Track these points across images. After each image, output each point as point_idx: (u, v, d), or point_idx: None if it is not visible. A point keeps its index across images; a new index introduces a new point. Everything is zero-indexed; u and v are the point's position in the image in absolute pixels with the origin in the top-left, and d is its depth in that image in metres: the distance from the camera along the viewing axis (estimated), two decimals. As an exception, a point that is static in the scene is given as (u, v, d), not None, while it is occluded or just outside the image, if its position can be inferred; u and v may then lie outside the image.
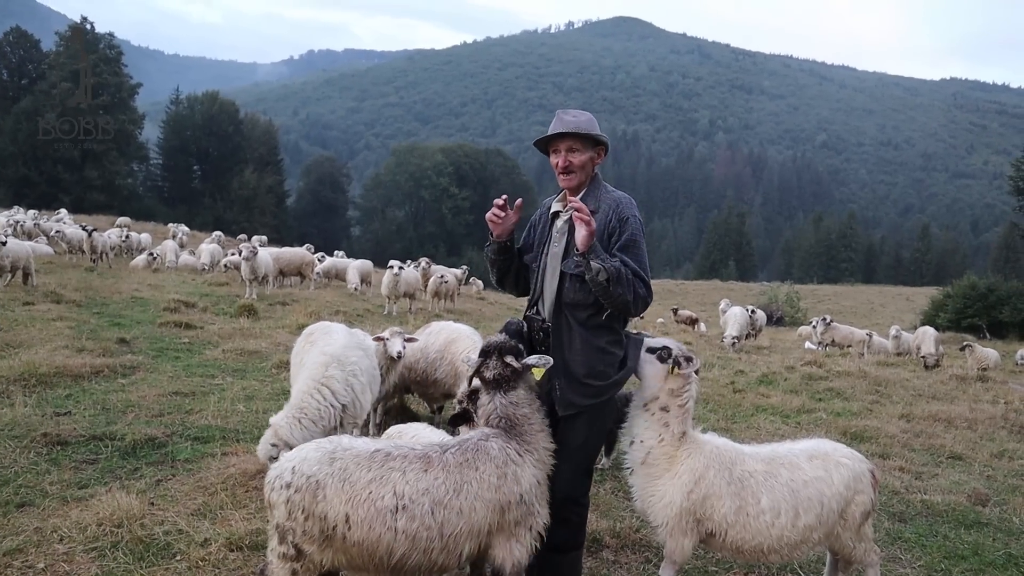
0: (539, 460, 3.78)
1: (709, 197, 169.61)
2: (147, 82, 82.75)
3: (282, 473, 3.47)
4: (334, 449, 3.53)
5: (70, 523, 4.89)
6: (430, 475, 3.48)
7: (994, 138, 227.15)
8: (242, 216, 79.55)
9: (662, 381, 4.03)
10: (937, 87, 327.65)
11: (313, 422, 5.63)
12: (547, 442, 3.84)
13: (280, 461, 3.60)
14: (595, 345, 3.93)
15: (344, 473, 3.42)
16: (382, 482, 3.42)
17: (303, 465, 3.45)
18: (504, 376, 3.76)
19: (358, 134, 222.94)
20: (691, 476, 3.96)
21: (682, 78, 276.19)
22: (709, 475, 3.97)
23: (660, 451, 4.02)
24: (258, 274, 18.16)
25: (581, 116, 4.01)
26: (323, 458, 3.47)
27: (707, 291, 58.28)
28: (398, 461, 3.50)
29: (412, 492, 3.42)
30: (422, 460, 3.54)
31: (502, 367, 3.76)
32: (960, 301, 35.65)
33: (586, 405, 3.94)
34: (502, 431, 3.74)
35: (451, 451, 3.62)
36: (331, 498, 3.36)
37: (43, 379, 8.37)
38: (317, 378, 5.84)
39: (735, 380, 12.86)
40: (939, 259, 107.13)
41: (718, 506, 3.96)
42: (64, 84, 63.69)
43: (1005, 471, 8.07)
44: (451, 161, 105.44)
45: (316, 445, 3.61)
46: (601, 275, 3.53)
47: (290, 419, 5.58)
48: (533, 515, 3.71)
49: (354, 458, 3.48)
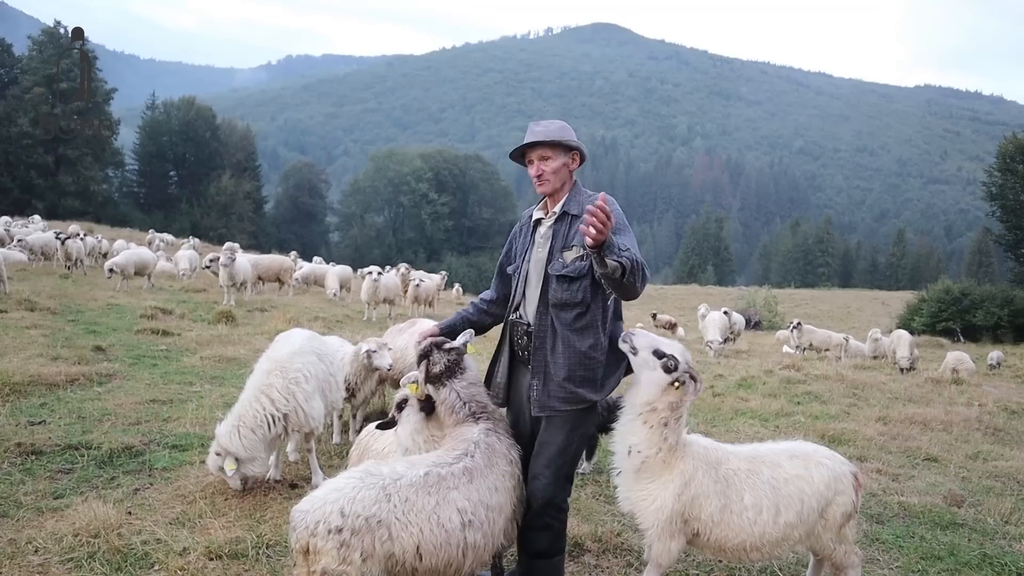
0: (505, 431, 4.01)
1: (687, 202, 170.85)
2: (122, 87, 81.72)
3: (326, 517, 3.17)
4: (384, 483, 3.34)
5: (45, 534, 4.81)
6: (476, 484, 3.53)
7: (967, 144, 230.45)
8: (219, 222, 79.10)
9: (660, 391, 3.87)
10: (912, 94, 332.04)
11: (252, 430, 5.57)
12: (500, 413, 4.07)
13: (314, 502, 3.27)
14: (578, 349, 3.94)
15: (407, 504, 3.29)
16: (446, 503, 3.40)
17: (355, 505, 3.20)
18: (452, 361, 3.96)
19: (337, 140, 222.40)
20: (682, 479, 3.95)
21: (660, 84, 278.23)
22: (698, 476, 3.97)
23: (656, 459, 3.98)
24: (236, 280, 18.07)
25: (552, 124, 4.06)
26: (378, 496, 3.27)
27: (686, 296, 58.57)
28: (450, 480, 3.50)
29: (471, 505, 3.46)
30: (465, 472, 3.56)
31: (446, 355, 3.97)
32: (935, 305, 36.11)
33: (561, 410, 3.96)
34: (483, 418, 3.85)
35: (477, 455, 3.69)
36: (398, 535, 3.23)
37: (17, 388, 8.25)
38: (259, 386, 5.77)
39: (714, 384, 12.93)
40: (914, 263, 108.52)
41: (706, 505, 3.97)
42: (37, 89, 62.86)
43: (980, 472, 8.16)
44: (430, 167, 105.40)
45: (359, 480, 3.35)
46: (617, 272, 3.48)
47: (230, 428, 5.54)
48: (521, 487, 3.94)
49: (411, 487, 3.37)
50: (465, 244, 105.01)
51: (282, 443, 6.20)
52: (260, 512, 5.46)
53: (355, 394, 7.36)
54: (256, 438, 5.58)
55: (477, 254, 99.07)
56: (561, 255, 3.97)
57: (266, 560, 4.66)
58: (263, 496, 5.80)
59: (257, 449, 5.62)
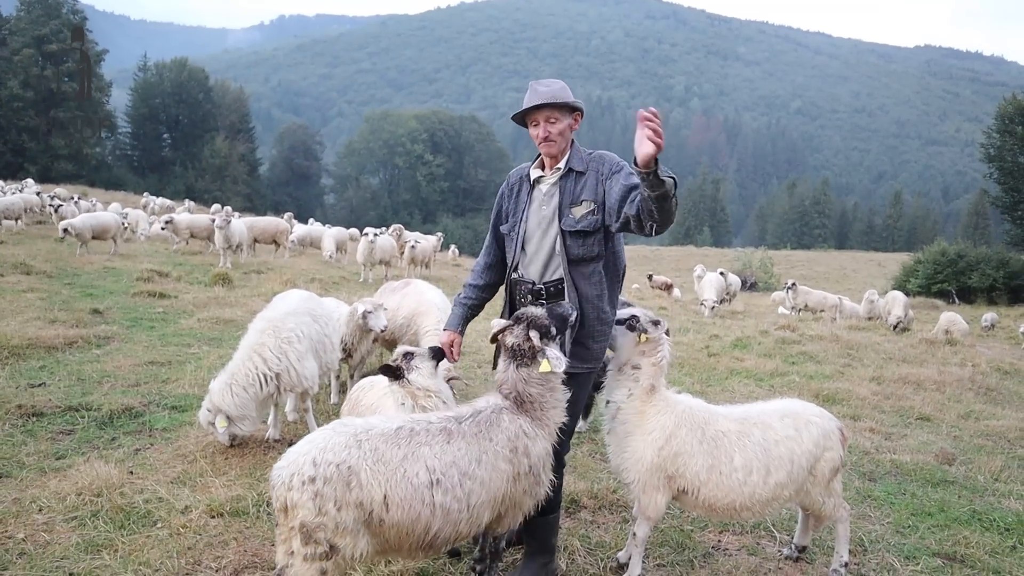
0: (550, 433, 3.75)
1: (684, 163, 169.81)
2: (113, 48, 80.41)
3: (300, 468, 3.19)
4: (355, 431, 3.34)
5: (49, 493, 4.87)
6: (453, 446, 3.43)
7: (966, 105, 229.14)
8: (214, 185, 78.66)
9: (634, 348, 4.15)
10: (911, 54, 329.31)
11: (244, 388, 5.64)
12: (559, 417, 3.78)
13: (289, 457, 3.29)
14: (595, 304, 4.01)
15: (376, 453, 3.26)
16: (415, 458, 3.32)
17: (326, 454, 3.21)
18: (521, 349, 3.67)
19: (331, 101, 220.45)
20: (662, 433, 4.05)
21: (657, 44, 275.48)
22: (680, 433, 4.05)
23: (629, 407, 4.12)
24: (232, 243, 18.03)
25: (555, 85, 4.03)
26: (348, 442, 3.27)
27: (682, 257, 58.62)
28: (423, 435, 3.42)
29: (442, 465, 3.35)
30: (443, 432, 3.47)
31: (523, 339, 3.67)
32: (930, 267, 36.22)
33: (577, 368, 3.98)
34: (513, 403, 3.69)
35: (466, 422, 3.57)
36: (367, 482, 3.20)
37: (15, 351, 8.29)
38: (252, 345, 5.82)
39: (710, 344, 13.01)
40: (910, 225, 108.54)
41: (690, 464, 4.05)
42: (27, 51, 61.98)
43: (971, 431, 8.26)
44: (425, 128, 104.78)
45: (332, 431, 3.37)
46: (672, 188, 3.39)
47: (223, 385, 5.61)
48: (539, 484, 3.72)
49: (381, 437, 3.34)
50: (461, 205, 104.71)
51: (279, 403, 6.26)
52: (260, 470, 5.52)
53: (351, 355, 7.40)
54: (248, 396, 5.64)
55: (473, 215, 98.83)
56: (570, 211, 3.98)
57: (266, 517, 4.73)
58: (263, 455, 5.86)
59: (248, 408, 5.68)
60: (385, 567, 4.23)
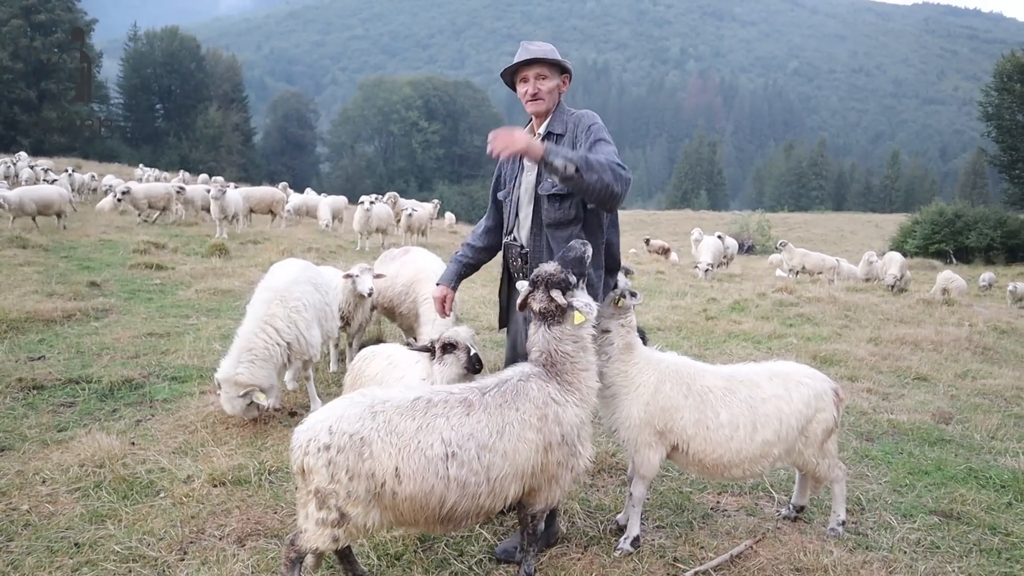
0: (582, 399, 3.65)
1: (680, 126, 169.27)
2: (102, 18, 79.36)
3: (316, 435, 3.23)
4: (372, 403, 3.34)
5: (52, 465, 4.91)
6: (473, 419, 3.37)
7: (964, 64, 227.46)
8: (208, 155, 78.10)
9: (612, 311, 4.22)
10: (909, 12, 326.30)
11: (264, 360, 5.65)
12: (592, 381, 3.70)
13: (309, 422, 3.33)
14: None
15: (389, 425, 3.26)
16: (429, 430, 3.28)
17: (342, 423, 3.24)
18: (549, 310, 3.60)
19: (324, 68, 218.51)
20: (646, 389, 4.11)
21: (653, 5, 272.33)
22: (665, 388, 4.11)
23: (612, 368, 4.16)
24: (227, 213, 17.97)
25: (545, 45, 4.07)
26: (363, 413, 3.28)
27: (679, 221, 58.43)
28: (440, 407, 3.37)
29: (458, 437, 3.29)
30: (463, 404, 3.41)
31: (547, 301, 3.59)
32: (928, 227, 36.15)
33: None
34: (543, 369, 3.61)
35: (490, 392, 3.49)
36: (378, 453, 3.20)
37: (14, 324, 8.30)
38: (261, 316, 5.81)
39: (707, 307, 13.03)
40: (908, 186, 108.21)
41: (677, 418, 4.11)
42: (15, 21, 61.10)
43: (968, 390, 8.31)
44: (420, 94, 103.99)
45: (351, 401, 3.39)
46: (569, 167, 3.47)
47: (245, 363, 5.58)
48: (576, 456, 3.64)
49: (396, 408, 3.33)
50: (456, 172, 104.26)
51: (280, 372, 6.29)
52: (261, 440, 5.56)
53: (349, 323, 7.42)
54: (269, 367, 5.69)
55: (469, 182, 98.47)
56: (549, 175, 3.96)
57: (268, 486, 4.77)
58: (263, 424, 5.89)
59: (273, 378, 5.76)
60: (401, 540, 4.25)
